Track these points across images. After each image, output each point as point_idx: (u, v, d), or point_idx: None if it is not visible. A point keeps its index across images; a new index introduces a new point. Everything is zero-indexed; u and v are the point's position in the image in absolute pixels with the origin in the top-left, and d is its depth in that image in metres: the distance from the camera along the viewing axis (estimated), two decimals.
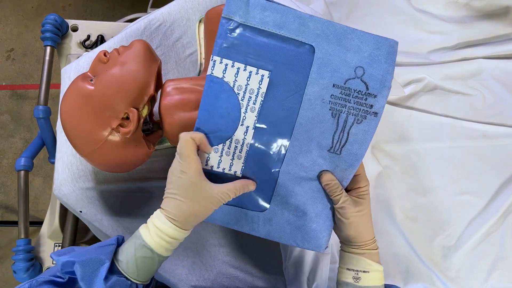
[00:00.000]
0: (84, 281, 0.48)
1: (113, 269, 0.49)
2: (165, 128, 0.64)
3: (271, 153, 0.55)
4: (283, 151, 0.55)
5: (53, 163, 0.86)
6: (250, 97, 0.53)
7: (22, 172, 0.89)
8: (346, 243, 0.58)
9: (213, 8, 0.71)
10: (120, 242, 0.54)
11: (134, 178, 0.78)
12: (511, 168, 0.77)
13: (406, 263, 0.77)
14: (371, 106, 0.54)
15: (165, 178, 0.79)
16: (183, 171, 0.50)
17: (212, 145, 0.54)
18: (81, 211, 0.77)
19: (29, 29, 1.95)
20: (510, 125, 0.78)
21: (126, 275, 0.49)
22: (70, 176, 0.77)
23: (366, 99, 0.53)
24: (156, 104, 0.71)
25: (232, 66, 0.52)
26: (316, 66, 0.52)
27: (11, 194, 1.79)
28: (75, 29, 1.02)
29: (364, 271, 0.56)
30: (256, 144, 0.55)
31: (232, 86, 0.52)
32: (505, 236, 0.75)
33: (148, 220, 0.52)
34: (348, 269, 0.57)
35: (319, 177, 0.56)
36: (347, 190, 0.57)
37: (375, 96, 0.53)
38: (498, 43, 0.79)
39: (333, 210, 0.57)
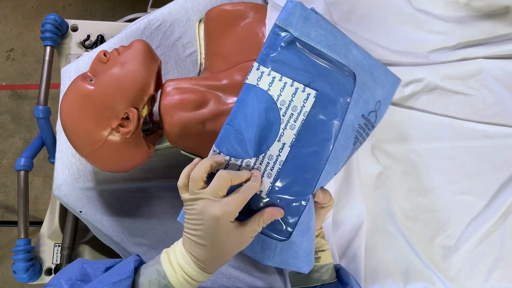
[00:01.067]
0: None
1: None
2: (165, 128, 0.64)
3: (303, 176, 0.51)
4: (315, 176, 0.51)
5: (53, 163, 0.86)
6: (292, 114, 0.50)
7: (22, 172, 0.89)
8: None
9: (213, 8, 0.71)
10: (136, 266, 0.51)
11: (134, 178, 0.78)
12: (511, 168, 0.77)
13: (406, 263, 0.77)
14: (368, 135, 0.57)
15: (165, 178, 0.80)
16: (218, 219, 0.44)
17: (245, 157, 0.50)
18: (81, 211, 0.77)
19: (29, 29, 1.95)
20: (510, 125, 0.78)
21: None
22: (70, 176, 0.77)
23: (370, 130, 0.56)
24: (156, 104, 0.71)
25: (280, 80, 0.49)
26: (356, 94, 0.51)
27: (11, 194, 1.79)
28: (75, 29, 1.02)
29: (322, 250, 0.59)
30: (289, 164, 0.50)
31: (275, 100, 0.49)
32: (505, 236, 0.75)
33: (171, 254, 0.49)
34: None
35: (314, 195, 0.54)
36: None
37: (373, 128, 0.57)
38: (498, 43, 0.79)
39: None
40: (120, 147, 0.62)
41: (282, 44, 0.49)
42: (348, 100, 0.51)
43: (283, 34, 0.49)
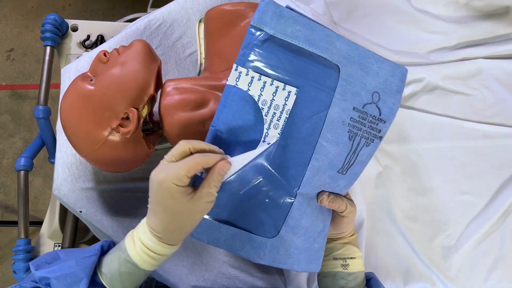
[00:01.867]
0: None
1: (95, 282, 0.47)
2: (165, 128, 0.64)
3: (289, 173, 0.52)
4: (301, 172, 0.52)
5: (53, 163, 0.86)
6: (275, 113, 0.50)
7: (22, 172, 0.89)
8: (334, 237, 0.59)
9: (213, 8, 0.71)
10: (105, 249, 0.51)
11: (134, 178, 0.78)
12: (511, 168, 0.77)
13: (406, 263, 0.77)
14: (380, 131, 0.55)
15: None
16: (161, 182, 0.43)
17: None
18: (81, 211, 0.77)
19: (29, 29, 1.95)
20: (510, 125, 0.78)
21: None
22: (70, 176, 0.77)
23: (377, 124, 0.54)
24: (156, 104, 0.71)
25: (259, 79, 0.49)
26: (340, 88, 0.51)
27: (11, 194, 1.79)
28: (75, 29, 1.02)
29: (351, 258, 0.58)
30: (275, 163, 0.51)
31: (257, 100, 0.49)
32: (505, 236, 0.75)
33: (134, 231, 0.49)
34: (335, 258, 0.58)
35: (317, 198, 0.55)
36: None
37: (384, 122, 0.55)
38: (498, 43, 0.79)
39: (328, 225, 0.58)
40: (120, 147, 0.62)
41: (258, 43, 0.49)
42: (331, 94, 0.51)
43: (257, 33, 0.49)
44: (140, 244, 0.46)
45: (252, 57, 0.49)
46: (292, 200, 0.52)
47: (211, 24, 0.71)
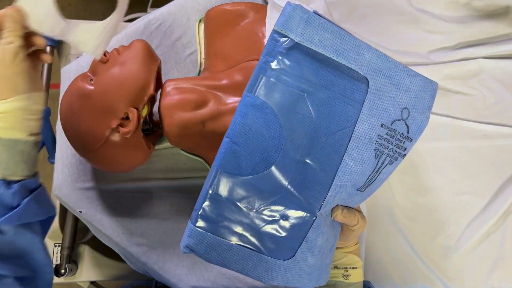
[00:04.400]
0: None
1: None
2: (165, 128, 0.64)
3: (309, 193, 0.48)
4: (323, 192, 0.48)
5: (53, 163, 0.86)
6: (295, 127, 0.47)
7: None
8: (338, 246, 0.59)
9: (213, 8, 0.71)
10: None
11: (134, 178, 0.79)
12: (511, 168, 0.77)
13: (406, 263, 0.77)
14: (405, 149, 0.52)
15: (165, 178, 0.80)
16: None
17: (244, 174, 0.46)
18: (80, 211, 0.77)
19: None
20: (510, 125, 0.78)
21: None
22: (69, 176, 0.77)
23: (404, 142, 0.51)
24: (156, 104, 0.71)
25: (280, 89, 0.46)
26: (369, 102, 0.47)
27: None
28: None
29: (353, 268, 0.58)
30: (295, 182, 0.47)
31: (276, 111, 0.46)
32: (505, 236, 0.75)
33: None
34: (336, 267, 0.58)
35: (331, 213, 0.52)
36: None
37: (411, 140, 0.52)
38: (498, 43, 0.79)
39: (338, 238, 0.56)
40: (120, 147, 0.62)
41: (282, 50, 0.45)
42: (359, 108, 0.47)
43: (282, 39, 0.45)
44: None
45: (274, 65, 0.45)
46: (312, 221, 0.49)
47: (211, 24, 0.71)
